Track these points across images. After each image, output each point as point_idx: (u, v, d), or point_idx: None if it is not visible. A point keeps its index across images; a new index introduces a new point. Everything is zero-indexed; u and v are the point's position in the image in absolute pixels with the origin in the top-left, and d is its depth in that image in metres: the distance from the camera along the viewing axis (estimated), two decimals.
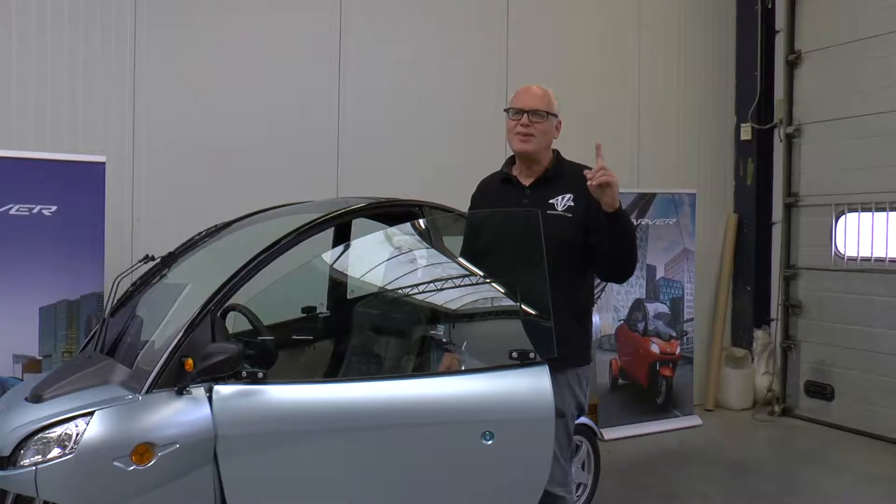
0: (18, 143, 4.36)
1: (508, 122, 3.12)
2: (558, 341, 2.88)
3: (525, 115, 3.04)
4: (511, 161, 3.24)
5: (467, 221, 3.33)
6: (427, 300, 3.45)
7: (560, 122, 3.15)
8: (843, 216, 6.46)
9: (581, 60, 6.41)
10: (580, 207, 3.02)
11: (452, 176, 5.38)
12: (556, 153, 3.19)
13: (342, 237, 3.96)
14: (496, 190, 3.23)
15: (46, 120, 4.53)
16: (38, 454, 2.49)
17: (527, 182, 3.13)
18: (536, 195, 3.08)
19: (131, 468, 2.50)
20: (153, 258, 3.39)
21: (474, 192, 3.38)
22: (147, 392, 2.60)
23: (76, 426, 2.51)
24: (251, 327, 3.30)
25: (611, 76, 6.61)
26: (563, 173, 3.11)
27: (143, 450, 2.52)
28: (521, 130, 3.05)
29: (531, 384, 2.87)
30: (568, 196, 3.04)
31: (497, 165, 3.31)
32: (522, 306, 2.98)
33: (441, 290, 3.36)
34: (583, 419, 3.82)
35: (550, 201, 3.04)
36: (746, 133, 7.13)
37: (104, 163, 4.14)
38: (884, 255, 6.14)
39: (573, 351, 3.05)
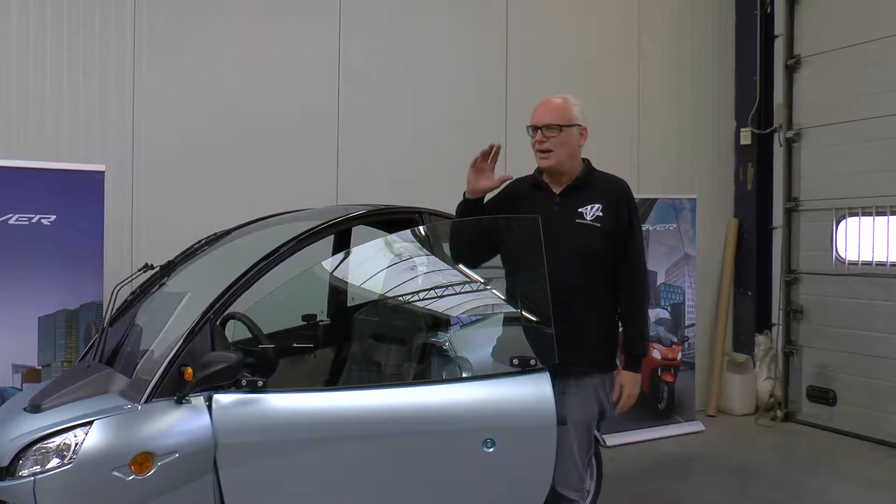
0: (18, 152, 4.36)
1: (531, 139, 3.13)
2: (585, 348, 2.93)
3: (539, 131, 3.06)
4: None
5: (467, 225, 3.29)
6: (427, 307, 3.44)
7: (584, 129, 3.12)
8: (844, 220, 6.45)
9: (580, 65, 6.42)
10: (608, 218, 3.05)
11: (453, 181, 5.35)
12: (587, 163, 3.19)
13: (342, 245, 3.96)
14: (526, 194, 3.20)
15: (46, 129, 4.53)
16: (37, 464, 2.48)
17: (557, 190, 3.13)
18: (566, 203, 3.09)
19: (130, 478, 2.49)
20: (152, 267, 3.39)
21: (500, 190, 3.30)
22: (146, 401, 2.60)
23: (75, 436, 2.50)
24: (251, 336, 3.30)
25: (610, 81, 6.61)
26: (593, 183, 3.12)
27: (143, 459, 2.51)
28: (538, 147, 3.07)
29: (532, 391, 2.86)
30: (597, 206, 3.05)
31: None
32: (523, 313, 2.97)
33: (441, 297, 3.35)
34: None
35: (580, 210, 3.06)
36: (746, 138, 7.12)
37: (103, 171, 4.13)
38: (885, 260, 6.12)
39: (599, 358, 3.07)
